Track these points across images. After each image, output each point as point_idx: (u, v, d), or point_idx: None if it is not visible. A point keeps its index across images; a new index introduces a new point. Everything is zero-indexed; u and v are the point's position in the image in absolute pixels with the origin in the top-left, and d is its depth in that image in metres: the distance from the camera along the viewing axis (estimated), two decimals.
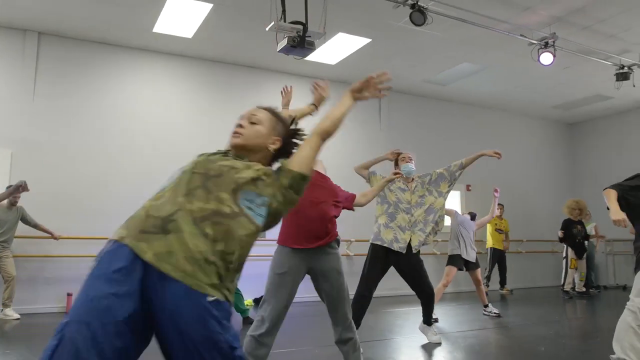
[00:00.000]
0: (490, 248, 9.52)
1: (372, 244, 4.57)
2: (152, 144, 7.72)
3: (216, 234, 1.58)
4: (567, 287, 8.65)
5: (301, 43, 5.32)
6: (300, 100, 10.71)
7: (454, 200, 10.52)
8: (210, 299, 1.51)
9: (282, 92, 3.16)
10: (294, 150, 1.97)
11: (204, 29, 7.14)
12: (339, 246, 3.45)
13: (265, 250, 8.06)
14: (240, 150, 1.85)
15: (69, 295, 6.89)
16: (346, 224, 8.59)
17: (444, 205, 4.71)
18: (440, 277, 6.61)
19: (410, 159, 4.76)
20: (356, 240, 8.94)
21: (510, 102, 10.71)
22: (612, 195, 3.31)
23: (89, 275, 1.55)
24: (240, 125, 1.88)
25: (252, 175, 1.72)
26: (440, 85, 9.54)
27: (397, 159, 4.81)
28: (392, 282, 9.24)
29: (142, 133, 7.70)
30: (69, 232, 6.88)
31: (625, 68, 8.06)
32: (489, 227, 9.45)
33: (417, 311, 6.91)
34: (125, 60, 7.75)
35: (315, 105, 2.41)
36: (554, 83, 9.43)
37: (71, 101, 7.35)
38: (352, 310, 3.34)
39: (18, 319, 6.19)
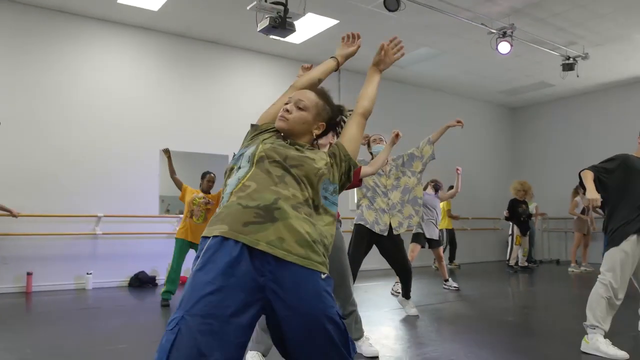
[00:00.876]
0: (445, 229, 10.01)
1: (356, 224, 4.75)
2: (114, 119, 7.51)
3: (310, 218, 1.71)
4: (512, 262, 9.29)
5: (282, 24, 5.36)
6: (268, 77, 10.79)
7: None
8: (323, 276, 1.65)
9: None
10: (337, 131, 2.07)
11: (170, 2, 6.98)
12: (341, 225, 3.62)
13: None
14: (285, 133, 1.93)
15: (29, 274, 6.68)
16: None
17: (417, 183, 4.93)
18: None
19: (381, 140, 4.95)
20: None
21: (461, 86, 11.18)
22: (589, 175, 3.58)
23: (195, 270, 1.59)
24: (287, 110, 1.93)
25: (325, 164, 1.82)
26: (399, 67, 9.81)
27: (368, 141, 4.98)
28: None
29: (105, 108, 7.47)
30: (28, 209, 6.63)
31: (571, 59, 8.63)
32: (442, 209, 9.96)
33: (380, 285, 7.30)
34: (87, 31, 7.43)
35: (338, 60, 2.28)
36: (504, 70, 9.95)
37: (29, 73, 6.98)
38: None
39: None
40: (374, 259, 5.31)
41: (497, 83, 10.91)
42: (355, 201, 5.10)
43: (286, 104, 1.97)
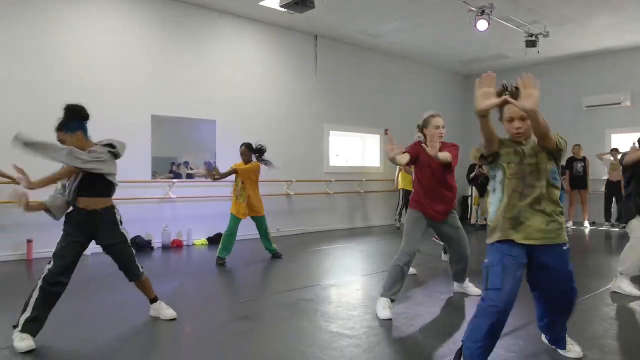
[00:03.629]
0: (402, 189, 10.68)
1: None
2: (105, 84, 7.42)
3: (547, 206, 2.58)
4: (473, 221, 10.24)
5: (303, 1, 5.57)
6: (256, 43, 10.85)
7: (373, 143, 11.53)
8: (564, 247, 2.61)
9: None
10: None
11: None
12: None
13: (218, 192, 8.42)
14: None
15: (29, 242, 6.68)
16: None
17: None
18: None
19: None
20: (296, 181, 9.54)
21: (427, 55, 11.73)
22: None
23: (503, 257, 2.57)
24: (519, 128, 2.67)
25: (549, 159, 2.63)
26: (374, 37, 10.17)
27: None
28: (320, 219, 10.14)
29: (95, 72, 7.35)
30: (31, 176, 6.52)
31: (534, 37, 9.38)
32: (398, 171, 10.60)
33: (345, 247, 7.88)
34: None
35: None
36: (469, 42, 10.58)
37: (13, 35, 6.72)
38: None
39: None
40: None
41: (459, 53, 11.56)
42: None
43: (514, 124, 2.73)
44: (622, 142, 10.88)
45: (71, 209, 3.61)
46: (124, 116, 7.56)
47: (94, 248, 6.87)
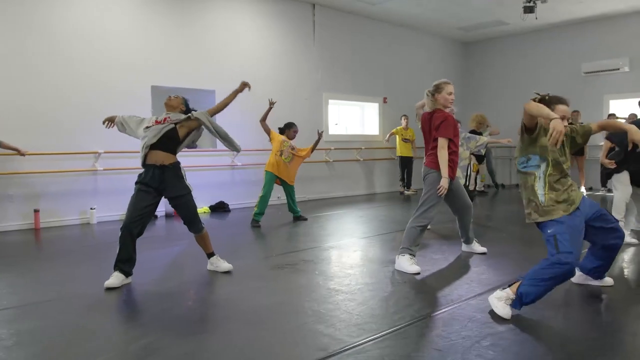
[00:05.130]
0: (399, 156, 10.84)
1: None
2: (106, 56, 7.48)
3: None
4: (471, 187, 10.39)
5: None
6: (254, 14, 10.78)
7: (372, 111, 11.60)
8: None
9: None
10: None
11: None
12: None
13: (219, 161, 8.56)
14: None
15: (36, 211, 6.86)
16: None
17: None
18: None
19: None
20: None
21: (426, 22, 11.69)
22: None
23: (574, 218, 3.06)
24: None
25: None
26: (371, 4, 10.14)
27: None
28: (320, 186, 10.29)
29: (96, 45, 7.39)
30: (29, 148, 6.67)
31: (532, 2, 9.35)
32: (397, 138, 10.76)
33: (344, 213, 8.06)
34: None
35: None
36: (468, 9, 10.55)
37: (19, 11, 6.76)
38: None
39: None
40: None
41: (458, 20, 11.52)
42: None
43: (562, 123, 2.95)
44: (620, 107, 10.94)
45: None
46: (124, 87, 7.64)
47: (99, 217, 7.04)
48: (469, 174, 10.96)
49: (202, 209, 8.51)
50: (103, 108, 7.46)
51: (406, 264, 4.10)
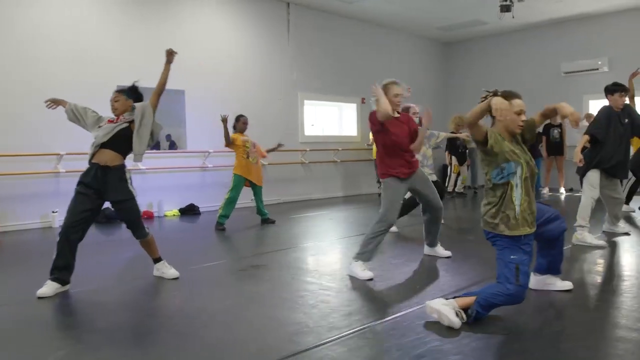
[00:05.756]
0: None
1: None
2: (71, 56, 7.28)
3: None
4: (450, 189, 10.26)
5: None
6: (225, 13, 10.64)
7: (350, 112, 11.45)
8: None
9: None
10: None
11: None
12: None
13: (187, 162, 8.38)
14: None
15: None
16: None
17: None
18: None
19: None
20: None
21: (403, 22, 11.56)
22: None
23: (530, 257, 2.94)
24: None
25: None
26: (347, 3, 9.99)
27: None
28: (296, 188, 10.14)
29: (61, 43, 7.20)
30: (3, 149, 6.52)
31: (509, 1, 9.23)
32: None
33: (324, 214, 7.91)
34: None
35: None
36: (446, 8, 10.42)
37: None
38: None
39: None
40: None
41: (436, 20, 11.40)
42: None
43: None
44: (599, 107, 10.85)
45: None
46: (89, 86, 7.42)
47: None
48: (449, 175, 10.89)
49: (172, 212, 8.32)
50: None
51: (358, 269, 3.94)
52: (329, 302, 3.36)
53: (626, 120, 5.28)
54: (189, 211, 8.36)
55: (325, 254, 5.08)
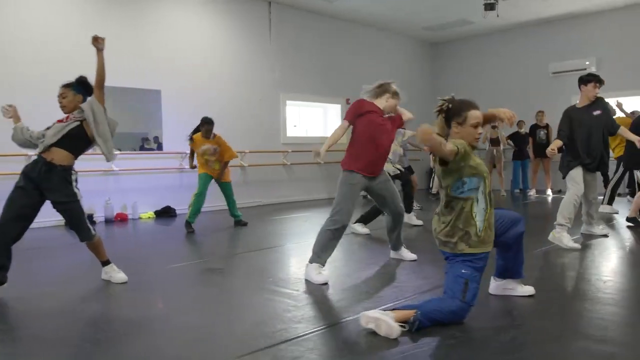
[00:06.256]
0: None
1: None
2: (36, 53, 7.10)
3: None
4: (434, 190, 10.09)
5: None
6: (201, 12, 10.45)
7: (334, 113, 11.28)
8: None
9: None
10: None
11: None
12: None
13: (163, 164, 8.19)
14: None
15: None
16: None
17: None
18: None
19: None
20: (249, 152, 9.33)
21: (388, 22, 11.39)
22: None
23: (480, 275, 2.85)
24: (480, 133, 2.84)
25: None
26: (327, 1, 9.82)
27: None
28: (279, 190, 9.95)
29: (25, 41, 7.02)
30: None
31: None
32: None
33: (303, 217, 7.73)
34: None
35: None
36: (430, 7, 10.26)
37: None
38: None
39: None
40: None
41: (421, 19, 11.23)
42: None
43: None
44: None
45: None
46: (57, 86, 7.25)
47: None
48: (433, 176, 10.71)
49: (147, 214, 8.13)
50: (34, 108, 7.09)
51: (313, 272, 3.74)
52: (275, 308, 3.18)
53: (598, 112, 5.16)
54: (165, 213, 8.17)
55: (288, 257, 4.90)
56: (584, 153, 5.13)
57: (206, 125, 6.46)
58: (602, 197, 7.80)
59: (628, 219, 6.34)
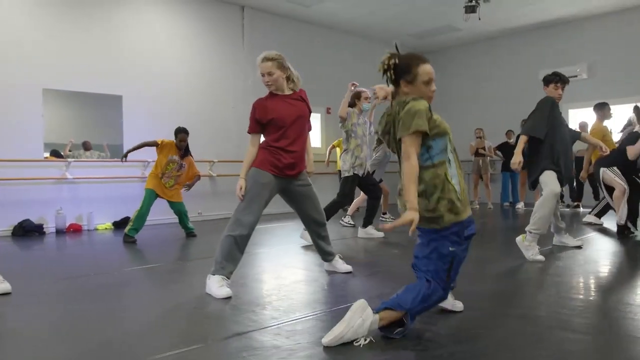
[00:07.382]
0: (340, 170, 10.05)
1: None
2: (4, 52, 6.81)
3: None
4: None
5: None
6: (162, 15, 10.07)
7: (314, 123, 10.85)
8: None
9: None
10: None
11: None
12: None
13: (124, 172, 7.79)
14: None
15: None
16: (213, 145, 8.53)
17: None
18: None
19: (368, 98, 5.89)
20: (218, 161, 8.95)
21: (369, 28, 11.02)
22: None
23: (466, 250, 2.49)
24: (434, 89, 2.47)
25: None
26: (304, 6, 9.48)
27: (359, 97, 6.01)
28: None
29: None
30: None
31: (473, 1, 8.66)
32: (338, 151, 9.96)
33: (280, 227, 7.30)
34: None
35: None
36: (414, 13, 9.87)
37: None
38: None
39: None
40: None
41: (405, 26, 10.85)
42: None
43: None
44: (581, 117, 10.20)
45: None
46: (11, 90, 6.93)
47: None
48: None
49: (105, 225, 7.72)
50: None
51: (215, 286, 3.26)
52: (167, 325, 2.72)
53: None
54: (124, 224, 7.73)
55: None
56: (559, 158, 4.48)
57: (181, 134, 6.15)
58: (590, 209, 7.39)
59: (618, 228, 5.71)
